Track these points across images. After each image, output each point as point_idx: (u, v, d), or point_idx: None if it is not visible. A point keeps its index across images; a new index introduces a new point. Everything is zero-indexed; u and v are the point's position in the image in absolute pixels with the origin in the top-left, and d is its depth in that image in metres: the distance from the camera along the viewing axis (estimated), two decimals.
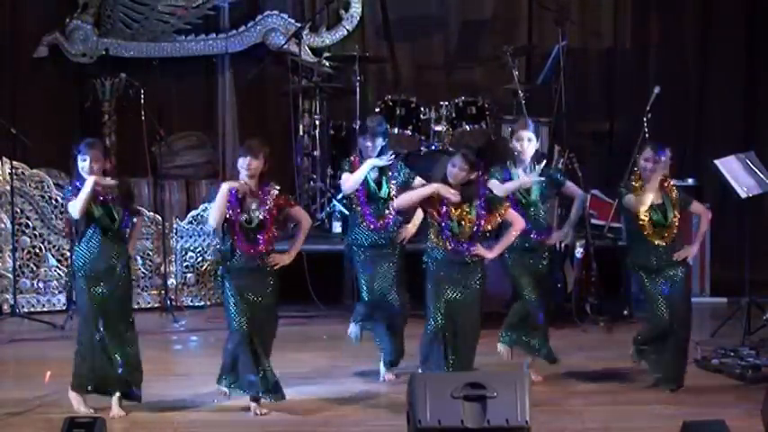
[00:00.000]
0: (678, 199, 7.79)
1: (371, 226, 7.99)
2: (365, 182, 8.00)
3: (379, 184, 8.02)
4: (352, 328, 8.12)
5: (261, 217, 7.17)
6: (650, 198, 7.66)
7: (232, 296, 7.20)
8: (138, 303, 10.72)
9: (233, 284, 7.21)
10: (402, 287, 8.05)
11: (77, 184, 7.19)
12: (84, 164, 7.18)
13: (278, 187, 7.28)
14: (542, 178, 7.80)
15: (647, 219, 7.69)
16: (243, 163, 7.20)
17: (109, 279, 7.21)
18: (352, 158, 8.11)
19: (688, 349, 7.85)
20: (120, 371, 7.21)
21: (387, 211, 8.02)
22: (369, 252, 8.02)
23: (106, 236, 7.20)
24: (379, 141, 8.03)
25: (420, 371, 7.36)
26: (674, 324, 7.70)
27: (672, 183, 7.84)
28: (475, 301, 7.35)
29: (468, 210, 7.26)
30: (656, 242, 7.69)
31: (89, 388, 7.25)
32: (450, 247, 7.26)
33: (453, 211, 7.25)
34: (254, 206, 7.18)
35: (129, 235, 7.41)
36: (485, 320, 7.73)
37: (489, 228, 7.34)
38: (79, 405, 7.22)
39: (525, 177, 7.78)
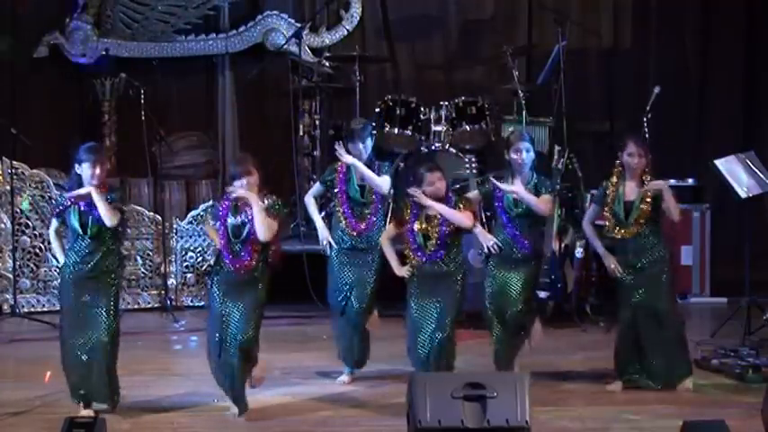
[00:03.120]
0: (655, 196, 7.63)
1: (352, 228, 7.93)
2: (349, 183, 7.97)
3: (362, 188, 7.97)
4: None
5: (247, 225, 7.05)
6: None
7: (214, 307, 7.15)
8: (138, 303, 10.75)
9: (219, 293, 7.14)
10: (373, 299, 8.00)
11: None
12: (87, 171, 7.05)
13: (267, 201, 7.08)
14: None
15: (609, 213, 7.70)
16: (240, 183, 7.01)
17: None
18: (337, 166, 8.03)
19: (680, 348, 7.79)
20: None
21: (368, 214, 7.98)
22: (348, 254, 7.98)
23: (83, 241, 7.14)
24: (368, 143, 7.99)
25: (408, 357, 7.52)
26: (643, 325, 7.65)
27: (651, 179, 7.67)
28: (450, 305, 7.38)
29: (431, 221, 7.37)
30: (615, 234, 7.68)
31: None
32: (420, 261, 7.38)
33: (417, 226, 7.37)
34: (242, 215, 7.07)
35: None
36: (479, 321, 7.76)
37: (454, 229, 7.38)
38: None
39: (519, 188, 7.73)
